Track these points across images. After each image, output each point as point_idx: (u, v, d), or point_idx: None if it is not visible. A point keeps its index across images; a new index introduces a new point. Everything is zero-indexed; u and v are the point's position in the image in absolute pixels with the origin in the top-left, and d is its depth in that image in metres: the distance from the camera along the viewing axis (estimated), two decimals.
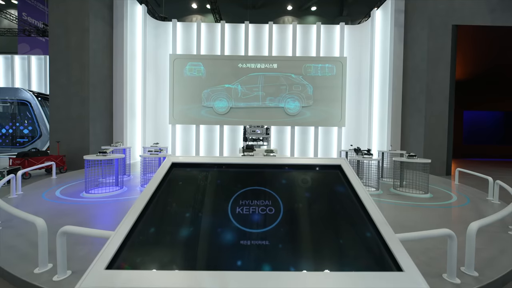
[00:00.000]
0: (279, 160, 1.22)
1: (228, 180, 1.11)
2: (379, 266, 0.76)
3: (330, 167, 1.25)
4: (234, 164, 1.21)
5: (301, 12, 16.06)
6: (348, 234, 0.88)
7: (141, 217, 0.93)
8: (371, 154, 4.20)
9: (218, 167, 1.21)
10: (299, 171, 1.20)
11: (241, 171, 1.19)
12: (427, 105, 6.57)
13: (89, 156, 3.67)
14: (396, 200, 3.66)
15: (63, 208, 3.05)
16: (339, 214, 0.96)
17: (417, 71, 6.92)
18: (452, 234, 1.51)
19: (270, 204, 0.96)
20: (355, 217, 0.96)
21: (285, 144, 9.57)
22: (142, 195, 1.03)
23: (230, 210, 0.94)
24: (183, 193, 1.06)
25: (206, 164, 1.21)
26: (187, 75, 9.43)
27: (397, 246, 0.82)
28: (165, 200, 1.01)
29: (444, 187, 4.62)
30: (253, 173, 1.17)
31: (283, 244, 0.80)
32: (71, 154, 6.52)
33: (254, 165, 1.21)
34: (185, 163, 1.23)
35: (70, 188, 4.11)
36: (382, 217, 0.94)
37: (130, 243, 0.85)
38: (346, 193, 1.12)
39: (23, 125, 10.00)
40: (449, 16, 6.47)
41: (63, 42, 6.65)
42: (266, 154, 2.96)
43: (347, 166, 1.24)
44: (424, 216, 2.92)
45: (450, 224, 2.69)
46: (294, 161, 1.21)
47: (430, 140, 6.57)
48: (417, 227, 2.56)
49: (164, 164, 1.23)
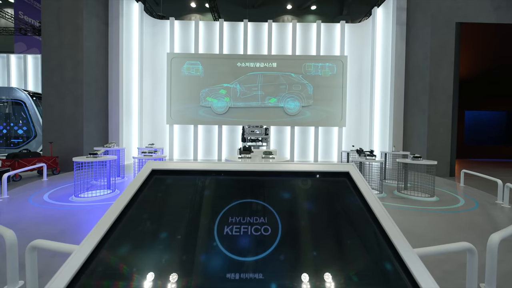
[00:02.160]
0: (277, 166, 1.05)
1: (216, 191, 0.94)
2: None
3: (336, 174, 1.08)
4: (224, 171, 1.04)
5: (301, 11, 15.91)
6: (363, 262, 0.71)
7: (106, 239, 0.76)
8: (374, 156, 4.04)
9: (206, 175, 1.04)
10: (301, 179, 1.03)
11: (232, 179, 1.02)
12: (430, 104, 6.40)
13: (78, 158, 3.49)
14: (401, 203, 3.50)
15: (49, 214, 2.87)
16: (350, 235, 0.79)
17: (419, 70, 6.76)
18: (473, 248, 1.34)
19: (266, 222, 0.79)
20: (370, 240, 0.79)
21: (284, 144, 9.40)
22: (111, 210, 0.86)
23: (216, 230, 0.76)
24: (162, 207, 0.89)
25: (192, 171, 1.04)
26: (185, 74, 9.25)
27: (423, 276, 0.65)
28: (139, 216, 0.84)
29: (450, 190, 4.46)
30: (246, 182, 1.00)
31: (280, 280, 0.63)
32: (64, 155, 6.34)
33: (247, 172, 1.04)
34: (167, 170, 1.06)
35: (60, 191, 3.93)
36: (403, 239, 0.77)
37: (88, 272, 0.67)
38: (356, 207, 0.95)
39: (18, 125, 9.81)
40: (452, 14, 6.31)
41: (56, 40, 6.47)
42: (265, 156, 2.79)
43: (356, 173, 1.07)
44: (432, 222, 2.75)
45: (461, 231, 2.52)
46: (295, 167, 1.04)
47: (433, 141, 6.40)
48: (427, 234, 2.39)
49: (142, 172, 1.06)
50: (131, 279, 0.64)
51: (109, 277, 0.65)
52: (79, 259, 0.69)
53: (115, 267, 0.67)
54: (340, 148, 9.20)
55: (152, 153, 4.19)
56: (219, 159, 9.19)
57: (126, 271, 0.66)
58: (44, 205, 3.22)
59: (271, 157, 2.78)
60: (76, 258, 0.70)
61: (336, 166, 1.08)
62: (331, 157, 9.34)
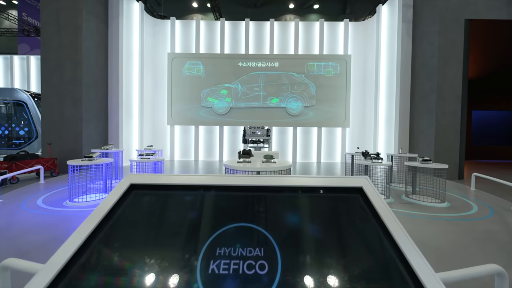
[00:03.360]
0: (277, 180, 0.89)
1: (203, 212, 0.78)
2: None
3: (347, 190, 0.92)
4: (213, 186, 0.88)
5: (303, 11, 15.71)
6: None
7: (65, 272, 0.61)
8: (381, 158, 3.85)
9: (192, 191, 0.89)
10: (305, 196, 0.87)
11: (223, 196, 0.86)
12: (438, 104, 6.18)
13: (73, 161, 3.37)
14: (410, 210, 3.31)
15: (40, 221, 2.75)
16: (367, 270, 0.63)
17: (427, 68, 6.53)
18: (502, 272, 1.17)
19: (262, 256, 0.63)
20: (390, 271, 0.63)
21: (287, 145, 9.23)
22: (76, 235, 0.72)
23: (199, 267, 0.61)
24: (137, 232, 0.74)
25: (176, 187, 0.89)
26: (186, 75, 9.14)
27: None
28: (107, 243, 0.69)
29: (460, 194, 4.25)
30: (239, 200, 0.84)
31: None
32: (63, 157, 6.25)
33: (241, 188, 0.89)
34: (148, 184, 0.91)
35: (55, 195, 3.82)
36: (428, 267, 0.61)
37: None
38: (372, 230, 0.79)
39: (19, 126, 9.80)
40: (461, 10, 6.08)
41: (56, 40, 6.40)
42: (266, 160, 2.63)
43: (371, 188, 0.90)
44: (446, 231, 2.57)
45: (479, 242, 2.33)
46: (298, 181, 0.88)
47: (441, 142, 6.18)
48: (442, 247, 2.21)
49: (119, 187, 0.91)
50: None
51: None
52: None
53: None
54: (343, 149, 9.00)
55: (150, 156, 4.06)
56: (220, 160, 9.06)
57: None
58: (37, 210, 3.11)
59: (273, 161, 2.62)
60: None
61: (347, 180, 0.92)
62: (335, 159, 9.15)
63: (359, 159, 4.90)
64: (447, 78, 6.15)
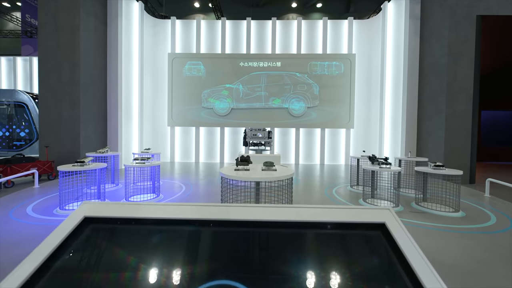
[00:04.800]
0: (274, 213, 0.68)
1: (176, 259, 0.59)
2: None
3: (366, 226, 0.71)
4: (194, 220, 0.68)
5: (306, 10, 15.47)
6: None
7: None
8: (389, 164, 3.61)
9: (164, 225, 0.69)
10: (312, 236, 0.66)
11: (203, 234, 0.66)
12: (448, 105, 5.90)
13: (63, 167, 3.21)
14: (422, 220, 3.07)
15: (24, 233, 2.58)
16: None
17: (436, 67, 6.25)
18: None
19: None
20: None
21: (289, 147, 9.00)
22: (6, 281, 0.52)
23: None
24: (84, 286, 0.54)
25: (144, 221, 0.69)
26: (186, 75, 8.99)
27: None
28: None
29: (475, 202, 3.98)
30: (224, 241, 0.64)
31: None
32: (61, 159, 6.14)
33: (227, 223, 0.69)
34: (107, 218, 0.71)
35: (47, 201, 3.67)
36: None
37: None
38: (397, 277, 0.59)
39: (20, 127, 9.76)
40: (473, 6, 5.79)
41: (53, 40, 6.28)
42: (266, 167, 2.43)
43: (396, 224, 0.69)
44: (464, 247, 2.32)
45: (507, 262, 2.08)
46: (304, 215, 0.68)
47: (451, 144, 5.90)
48: (461, 266, 1.97)
49: (71, 218, 0.71)
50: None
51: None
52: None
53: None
54: (348, 151, 8.74)
55: (146, 160, 3.89)
56: (221, 162, 8.88)
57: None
58: (25, 219, 2.95)
59: (273, 169, 2.42)
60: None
61: (366, 212, 0.71)
62: (339, 161, 8.89)
63: (365, 162, 4.66)
64: (458, 77, 5.87)
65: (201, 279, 0.53)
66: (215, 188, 4.79)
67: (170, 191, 4.44)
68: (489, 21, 5.97)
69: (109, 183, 4.85)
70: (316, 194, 4.45)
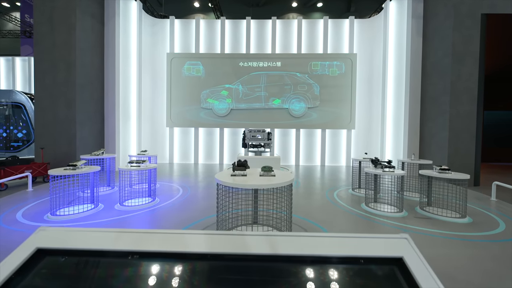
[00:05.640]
0: (270, 245, 0.56)
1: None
2: None
3: (381, 260, 0.59)
4: (172, 254, 0.56)
5: (307, 9, 15.35)
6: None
7: None
8: (393, 167, 3.49)
9: (137, 259, 0.57)
10: (316, 274, 0.54)
11: (183, 271, 0.54)
12: (451, 106, 5.77)
13: (55, 171, 3.09)
14: (427, 227, 2.94)
15: (13, 240, 2.47)
16: None
17: (439, 67, 6.12)
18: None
19: None
20: None
21: (289, 148, 8.88)
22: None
23: None
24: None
25: (107, 253, 0.57)
26: (185, 75, 8.87)
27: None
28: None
29: (481, 206, 3.85)
30: (211, 277, 0.52)
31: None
32: (57, 161, 6.03)
33: (217, 256, 0.56)
34: (65, 250, 0.59)
35: (39, 206, 3.55)
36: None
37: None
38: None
39: (17, 128, 9.66)
40: (477, 5, 5.66)
41: (49, 40, 6.17)
42: (263, 173, 2.31)
43: (416, 258, 0.57)
44: (475, 258, 2.18)
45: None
46: (306, 249, 0.55)
47: (455, 146, 5.76)
48: (473, 281, 1.84)
49: (20, 250, 0.60)
50: None
51: None
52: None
53: None
54: (349, 152, 8.61)
55: (141, 163, 3.77)
56: (221, 163, 8.76)
57: None
58: (14, 225, 2.83)
59: (272, 174, 2.30)
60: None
61: (379, 243, 0.59)
62: (340, 162, 8.76)
63: (367, 165, 4.53)
64: (462, 77, 5.74)
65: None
66: (213, 191, 4.67)
67: (167, 195, 4.32)
68: (494, 20, 5.84)
69: (104, 186, 4.74)
70: (316, 197, 4.32)
